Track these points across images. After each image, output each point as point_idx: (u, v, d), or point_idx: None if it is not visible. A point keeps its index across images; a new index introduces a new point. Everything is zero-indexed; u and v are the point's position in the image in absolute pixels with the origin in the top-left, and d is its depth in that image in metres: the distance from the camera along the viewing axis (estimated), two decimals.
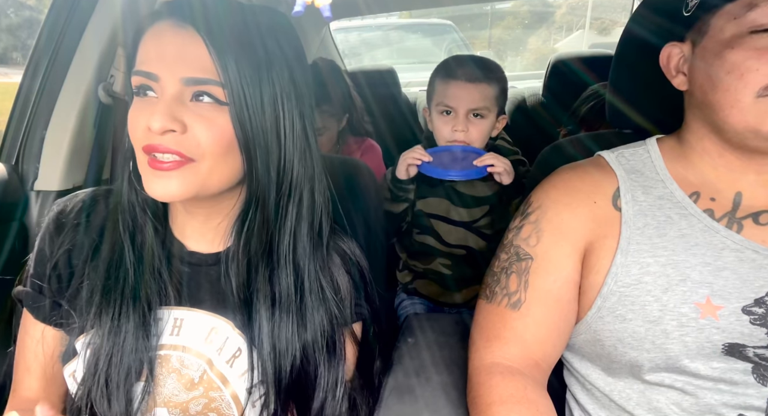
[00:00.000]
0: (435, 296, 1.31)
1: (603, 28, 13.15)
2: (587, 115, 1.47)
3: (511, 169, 1.09)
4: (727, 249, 0.63)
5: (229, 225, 0.67)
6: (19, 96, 1.04)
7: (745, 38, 0.61)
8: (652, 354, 0.63)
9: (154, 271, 0.65)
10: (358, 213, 0.86)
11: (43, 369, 0.68)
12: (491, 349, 0.70)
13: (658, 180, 0.70)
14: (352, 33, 3.99)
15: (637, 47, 0.80)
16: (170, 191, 0.57)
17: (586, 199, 0.70)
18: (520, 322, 0.70)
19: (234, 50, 0.56)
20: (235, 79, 0.56)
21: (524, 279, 0.70)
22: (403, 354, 0.83)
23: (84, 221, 0.67)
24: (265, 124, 0.59)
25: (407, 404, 0.72)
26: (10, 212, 1.00)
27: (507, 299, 0.71)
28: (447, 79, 1.13)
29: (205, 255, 0.68)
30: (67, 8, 1.00)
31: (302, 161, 0.63)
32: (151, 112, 0.55)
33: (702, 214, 0.66)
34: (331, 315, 0.67)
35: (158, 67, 0.56)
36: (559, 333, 0.70)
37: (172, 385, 0.65)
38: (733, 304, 0.61)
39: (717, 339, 0.61)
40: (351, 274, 0.71)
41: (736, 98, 0.61)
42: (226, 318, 0.66)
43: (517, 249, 0.73)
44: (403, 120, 2.16)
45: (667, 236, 0.65)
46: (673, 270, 0.63)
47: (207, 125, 0.57)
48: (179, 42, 0.56)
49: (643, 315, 0.64)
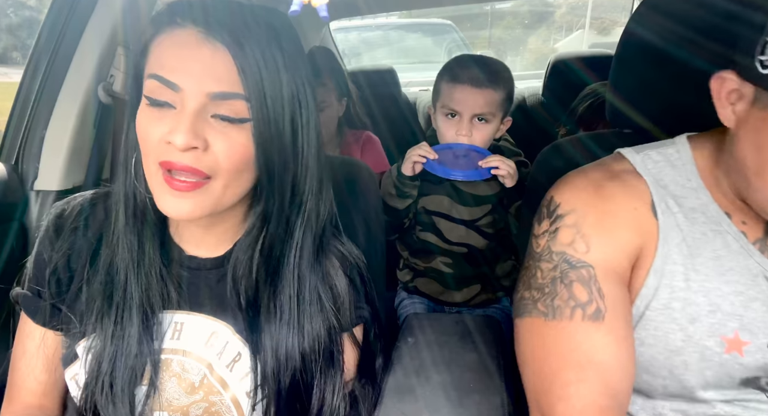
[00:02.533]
0: (435, 295, 1.31)
1: (603, 28, 13.14)
2: (584, 113, 1.48)
3: (516, 173, 1.09)
4: (761, 277, 0.58)
5: (231, 230, 0.67)
6: (18, 96, 1.04)
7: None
8: (666, 381, 0.60)
9: (154, 275, 0.64)
10: (358, 214, 0.86)
11: (45, 373, 0.68)
12: (590, 381, 0.53)
13: (692, 189, 0.62)
14: (351, 33, 3.99)
15: (638, 47, 0.79)
16: (185, 211, 0.56)
17: (625, 205, 0.61)
18: (610, 336, 0.55)
19: (259, 63, 0.55)
20: (260, 94, 0.55)
21: (595, 288, 0.58)
22: (403, 354, 0.83)
23: (83, 225, 0.66)
24: (285, 139, 0.59)
25: (407, 404, 0.72)
26: (10, 212, 1.00)
27: (581, 310, 0.57)
28: (453, 82, 1.12)
29: (204, 260, 0.68)
30: (67, 8, 1.00)
31: (314, 177, 0.63)
32: (174, 127, 0.54)
33: (738, 233, 0.59)
34: (329, 325, 0.67)
35: (182, 79, 0.54)
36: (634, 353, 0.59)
37: (173, 389, 0.65)
38: (761, 340, 0.57)
39: (738, 374, 0.58)
40: (350, 276, 0.70)
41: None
42: (225, 322, 0.66)
43: (564, 256, 0.61)
44: (403, 120, 2.16)
45: (701, 257, 0.59)
46: (704, 298, 0.58)
47: (228, 143, 0.56)
48: (206, 55, 0.55)
49: (665, 343, 0.59)
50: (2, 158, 1.04)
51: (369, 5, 2.18)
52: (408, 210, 1.20)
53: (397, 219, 1.22)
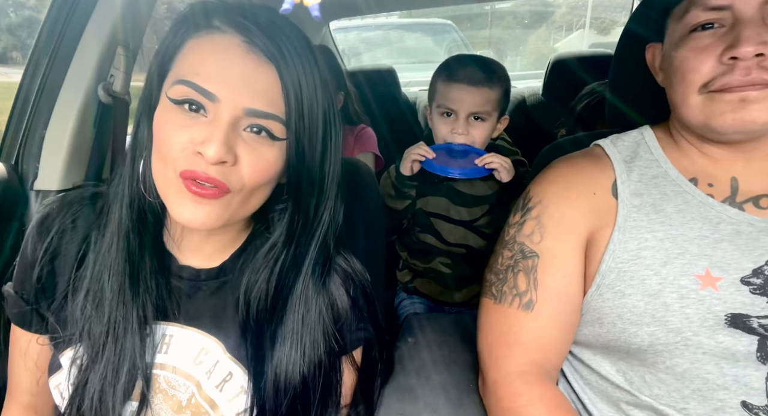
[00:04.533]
0: (435, 295, 1.31)
1: (603, 28, 13.14)
2: (582, 112, 1.48)
3: (511, 167, 1.09)
4: (724, 223, 0.64)
5: (229, 240, 0.65)
6: (18, 95, 1.04)
7: (686, 38, 0.65)
8: (651, 327, 0.63)
9: (150, 284, 0.61)
10: (358, 214, 0.86)
11: (32, 380, 0.65)
12: (515, 356, 0.69)
13: (653, 160, 0.71)
14: (351, 32, 3.98)
15: (637, 47, 0.80)
16: (201, 220, 0.54)
17: (585, 191, 0.71)
18: (536, 324, 0.69)
19: (300, 82, 0.53)
20: (299, 116, 0.54)
21: (533, 278, 0.70)
22: (403, 354, 0.83)
23: (70, 227, 0.62)
24: (315, 159, 0.57)
25: (407, 404, 0.72)
26: (10, 212, 1.00)
27: (518, 300, 0.70)
28: (449, 81, 1.12)
29: (199, 270, 0.65)
30: (67, 8, 0.99)
31: (334, 197, 0.62)
32: (205, 137, 0.51)
33: (696, 190, 0.67)
34: (328, 347, 0.64)
35: (221, 89, 0.51)
36: (570, 329, 0.71)
37: (159, 406, 0.62)
38: (732, 275, 0.61)
39: (718, 309, 0.61)
40: (353, 297, 0.67)
41: (684, 95, 0.65)
42: (217, 339, 0.63)
43: (521, 247, 0.72)
44: (403, 120, 2.16)
45: (663, 212, 0.66)
46: (671, 243, 0.64)
47: (257, 159, 0.54)
48: (248, 66, 0.52)
49: (642, 290, 0.64)
50: (2, 158, 1.04)
51: (369, 5, 2.18)
52: (407, 211, 1.20)
53: (396, 220, 1.22)
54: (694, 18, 0.64)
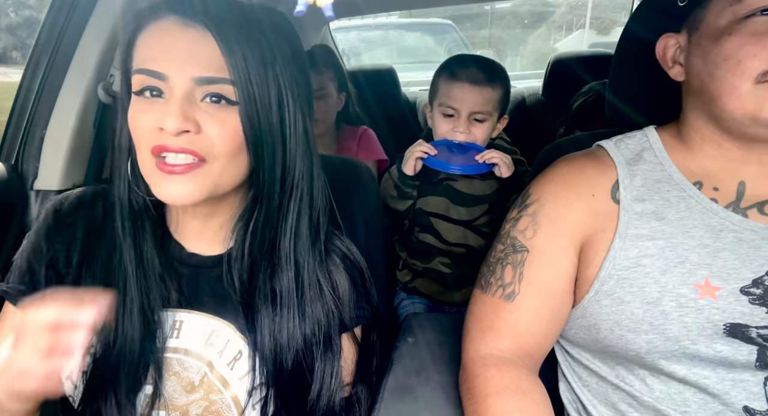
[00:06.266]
0: (435, 295, 1.31)
1: (603, 28, 13.14)
2: (579, 110, 1.48)
3: (511, 162, 1.10)
4: (726, 230, 0.63)
5: (230, 225, 0.67)
6: (18, 95, 1.04)
7: (741, 24, 0.60)
8: (650, 335, 0.63)
9: (155, 275, 0.64)
10: (358, 214, 0.86)
11: None
12: (485, 340, 0.71)
13: (657, 163, 0.70)
14: (351, 32, 3.99)
15: (637, 47, 0.80)
16: (184, 194, 0.57)
17: (584, 192, 0.70)
18: (513, 314, 0.70)
19: (243, 48, 0.56)
20: (245, 78, 0.56)
21: (519, 271, 0.71)
22: (403, 353, 0.83)
23: (79, 222, 0.65)
24: (272, 122, 0.59)
25: (407, 404, 0.72)
26: (10, 211, 1.00)
27: (501, 290, 0.71)
28: (450, 80, 1.13)
29: (204, 257, 0.68)
30: (67, 8, 0.99)
31: (303, 159, 0.63)
32: (163, 113, 0.54)
33: (700, 196, 0.66)
34: (328, 310, 0.67)
35: (167, 66, 0.55)
36: (552, 325, 0.71)
37: (172, 388, 0.65)
38: (732, 285, 0.61)
39: (717, 319, 0.60)
40: (351, 275, 0.71)
41: (734, 85, 0.61)
42: (227, 321, 0.66)
43: (513, 241, 0.73)
44: (403, 120, 2.16)
45: (665, 219, 0.66)
46: (671, 252, 0.64)
47: (220, 125, 0.56)
48: (188, 40, 0.55)
49: (641, 297, 0.63)
50: (2, 158, 1.04)
51: (369, 5, 2.18)
52: (408, 212, 1.21)
53: (397, 220, 1.22)
54: (756, 1, 0.59)
